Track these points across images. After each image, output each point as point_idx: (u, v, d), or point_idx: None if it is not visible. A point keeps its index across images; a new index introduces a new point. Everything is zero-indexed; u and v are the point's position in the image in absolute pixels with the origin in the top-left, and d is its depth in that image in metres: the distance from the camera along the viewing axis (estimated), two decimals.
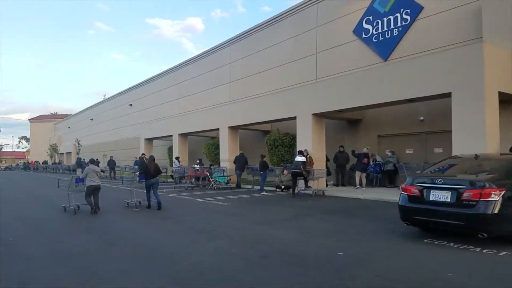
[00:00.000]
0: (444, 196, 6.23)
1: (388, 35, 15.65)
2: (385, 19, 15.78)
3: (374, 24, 16.15)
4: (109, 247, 6.41)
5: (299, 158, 13.80)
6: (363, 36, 16.53)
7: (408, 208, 6.73)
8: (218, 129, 21.73)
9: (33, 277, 4.77)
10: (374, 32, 16.14)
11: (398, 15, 15.35)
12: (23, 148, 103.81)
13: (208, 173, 18.45)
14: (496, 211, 5.74)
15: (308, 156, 14.69)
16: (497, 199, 5.75)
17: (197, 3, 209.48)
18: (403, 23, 15.18)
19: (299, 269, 4.98)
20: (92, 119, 49.81)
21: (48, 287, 4.44)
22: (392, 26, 15.54)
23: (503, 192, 5.79)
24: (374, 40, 16.12)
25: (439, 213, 6.25)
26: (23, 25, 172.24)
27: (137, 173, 14.49)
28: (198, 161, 20.55)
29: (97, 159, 12.44)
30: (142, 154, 26.48)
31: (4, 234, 7.63)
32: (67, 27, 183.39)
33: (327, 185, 15.99)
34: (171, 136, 26.67)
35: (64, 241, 6.96)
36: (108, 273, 4.91)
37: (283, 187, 16.00)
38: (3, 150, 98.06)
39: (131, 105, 38.83)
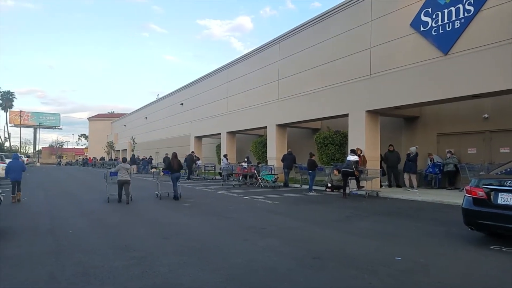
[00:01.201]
0: None
1: (448, 28, 14.75)
2: (446, 10, 14.88)
3: (434, 16, 15.28)
4: (162, 241, 6.53)
5: (351, 157, 13.35)
6: (422, 29, 15.70)
7: (473, 211, 6.25)
8: (266, 127, 21.69)
9: (94, 268, 4.91)
10: (434, 25, 15.27)
11: (461, 6, 14.40)
12: (82, 145, 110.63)
13: (255, 171, 18.47)
14: None
15: (361, 155, 14.20)
16: None
17: (246, 2, 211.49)
18: (466, 15, 14.22)
19: (355, 272, 4.74)
20: (146, 117, 51.82)
21: (108, 278, 4.55)
22: (453, 18, 14.61)
23: None
24: (433, 33, 15.26)
25: (508, 218, 5.74)
26: (83, 30, 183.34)
27: (162, 168, 15.44)
28: (245, 159, 20.64)
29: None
30: (192, 152, 27.10)
31: (65, 225, 8.06)
32: (124, 30, 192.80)
33: (381, 186, 15.38)
34: (220, 134, 27.05)
35: (121, 234, 7.20)
36: (162, 266, 4.96)
37: (329, 185, 15.61)
38: (64, 146, 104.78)
39: (182, 104, 39.93)
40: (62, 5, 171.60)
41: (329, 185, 15.61)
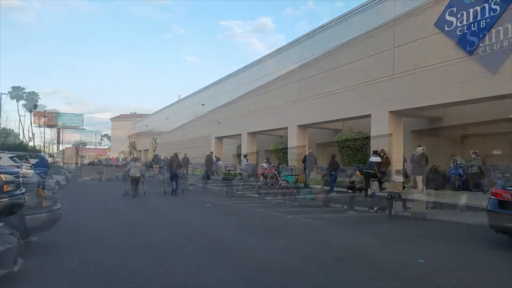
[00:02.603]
0: None
1: (474, 27, 14.39)
2: (471, 10, 14.51)
3: (459, 16, 14.93)
4: (184, 240, 6.62)
5: (374, 159, 13.17)
6: (446, 29, 15.36)
7: (498, 214, 6.13)
8: (287, 127, 21.63)
9: (116, 266, 5.00)
10: (459, 25, 14.92)
11: (486, 5, 14.02)
12: (104, 145, 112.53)
13: (276, 172, 18.45)
14: None
15: (384, 156, 14.00)
16: None
17: (268, 2, 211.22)
18: (492, 14, 13.84)
19: (377, 275, 4.71)
20: (167, 118, 52.47)
21: (129, 277, 4.63)
22: (479, 18, 14.25)
23: None
24: (458, 33, 14.91)
25: None
26: (106, 32, 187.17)
27: (166, 167, 17.18)
28: (265, 160, 20.65)
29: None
30: (211, 152, 27.29)
31: (88, 224, 8.28)
32: (147, 31, 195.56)
33: (404, 188, 15.11)
34: (240, 134, 27.13)
35: (143, 233, 7.33)
36: (183, 266, 5.02)
37: (348, 185, 15.43)
38: (87, 146, 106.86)
39: (203, 105, 40.27)
40: (86, 7, 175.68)
41: (350, 185, 15.45)
